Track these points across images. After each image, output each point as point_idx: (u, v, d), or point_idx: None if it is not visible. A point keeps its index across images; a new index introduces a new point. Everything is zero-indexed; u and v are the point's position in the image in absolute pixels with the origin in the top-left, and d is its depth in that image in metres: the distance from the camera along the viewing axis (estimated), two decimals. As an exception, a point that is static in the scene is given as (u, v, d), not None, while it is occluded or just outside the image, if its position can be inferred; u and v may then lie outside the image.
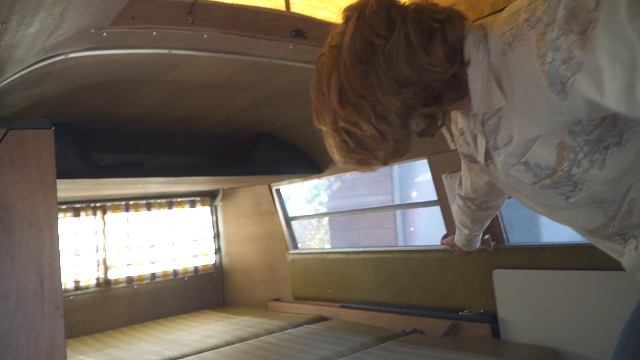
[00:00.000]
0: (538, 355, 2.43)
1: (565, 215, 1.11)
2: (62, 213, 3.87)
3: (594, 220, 1.07)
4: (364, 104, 1.00)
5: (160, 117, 2.99)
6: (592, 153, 0.95)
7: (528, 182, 1.05)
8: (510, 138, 1.01)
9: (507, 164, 1.06)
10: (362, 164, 1.11)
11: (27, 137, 1.75)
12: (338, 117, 1.04)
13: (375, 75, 0.98)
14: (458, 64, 1.00)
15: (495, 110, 1.03)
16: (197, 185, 4.24)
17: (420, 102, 1.01)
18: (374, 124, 1.01)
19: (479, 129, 1.09)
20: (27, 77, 1.77)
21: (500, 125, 1.03)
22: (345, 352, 2.79)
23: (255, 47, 1.96)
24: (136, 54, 1.88)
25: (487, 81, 0.99)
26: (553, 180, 1.01)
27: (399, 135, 1.04)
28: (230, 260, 4.73)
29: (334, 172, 3.73)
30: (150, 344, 3.39)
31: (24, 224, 1.67)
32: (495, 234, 2.74)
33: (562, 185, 1.01)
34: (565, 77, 0.82)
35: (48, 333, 1.68)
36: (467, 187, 1.63)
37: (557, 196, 1.04)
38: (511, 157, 1.04)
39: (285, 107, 3.08)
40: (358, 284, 3.59)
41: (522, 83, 0.92)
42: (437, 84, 1.00)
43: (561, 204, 1.07)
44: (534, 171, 1.02)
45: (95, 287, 4.01)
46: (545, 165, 1.00)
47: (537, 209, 1.16)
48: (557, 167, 0.99)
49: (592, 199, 1.02)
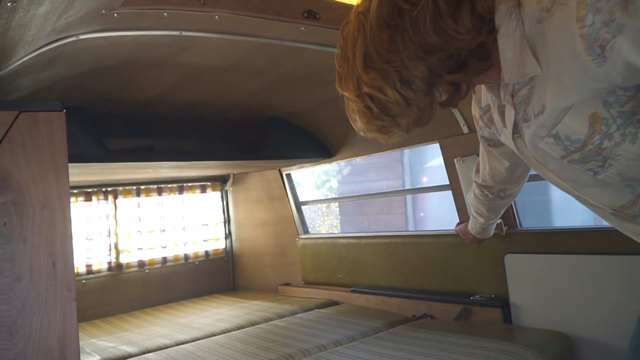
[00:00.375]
0: (550, 340, 2.42)
1: (592, 193, 1.09)
2: (74, 197, 3.89)
3: (620, 197, 1.05)
4: (389, 69, 0.99)
5: (171, 101, 2.98)
6: (625, 126, 0.94)
7: (557, 156, 1.04)
8: (543, 108, 1.00)
9: (537, 137, 1.05)
10: (384, 131, 1.11)
11: (39, 120, 1.74)
12: (362, 83, 1.03)
13: (401, 41, 0.97)
14: (485, 33, 0.99)
15: (527, 80, 1.02)
16: (208, 170, 4.24)
17: (445, 70, 1.00)
18: (399, 89, 1.01)
19: (508, 100, 1.08)
20: (38, 58, 1.76)
21: (532, 95, 1.02)
22: (356, 336, 2.79)
23: (267, 28, 1.94)
24: (147, 35, 1.87)
25: (520, 50, 0.98)
26: (583, 154, 1.00)
27: (423, 102, 1.04)
28: (240, 245, 4.74)
29: (344, 157, 3.71)
30: (162, 327, 3.42)
31: (37, 207, 1.67)
32: (508, 218, 2.72)
33: (592, 160, 1.00)
34: (605, 39, 0.81)
35: (60, 316, 1.68)
36: (485, 174, 1.61)
37: (584, 172, 1.03)
38: (542, 129, 1.03)
39: (297, 92, 3.06)
40: (369, 269, 3.59)
41: (558, 50, 0.91)
42: (463, 52, 0.99)
43: (588, 181, 1.05)
44: (564, 144, 1.01)
45: (107, 271, 4.04)
46: (575, 137, 0.99)
47: (562, 186, 1.15)
48: (587, 140, 0.98)
49: (621, 176, 1.01)
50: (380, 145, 3.42)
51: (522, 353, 2.22)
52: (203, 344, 2.86)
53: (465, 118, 2.75)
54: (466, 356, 2.23)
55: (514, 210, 2.72)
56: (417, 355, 2.32)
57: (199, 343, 2.90)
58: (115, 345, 3.03)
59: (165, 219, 4.40)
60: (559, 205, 5.38)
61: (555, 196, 5.38)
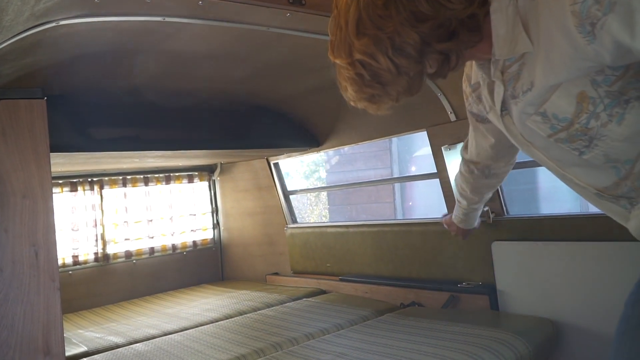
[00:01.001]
0: (536, 327, 2.43)
1: (577, 172, 1.10)
2: (59, 188, 3.85)
3: (605, 178, 1.06)
4: (381, 35, 1.00)
5: (156, 90, 2.95)
6: (612, 106, 0.95)
7: (543, 135, 1.05)
8: (531, 85, 1.00)
9: (525, 114, 1.05)
10: (374, 101, 1.11)
11: (20, 108, 1.72)
12: (354, 49, 1.04)
13: (394, 7, 0.98)
14: (477, 5, 1.00)
15: (518, 57, 1.02)
16: (195, 160, 4.21)
17: (435, 38, 1.01)
18: (391, 56, 1.01)
19: (498, 76, 1.09)
20: (17, 45, 1.72)
21: (522, 72, 1.03)
22: (344, 324, 2.79)
23: (252, 14, 1.91)
24: (130, 21, 1.84)
25: (513, 26, 0.98)
26: (569, 133, 1.01)
27: (413, 71, 1.04)
28: (228, 235, 4.73)
29: (332, 146, 3.70)
30: (150, 318, 3.40)
31: (18, 196, 1.65)
32: (495, 206, 2.72)
33: (578, 139, 1.01)
34: (596, 17, 0.81)
35: (44, 305, 1.67)
36: (472, 150, 1.63)
37: (570, 151, 1.04)
38: (529, 106, 1.03)
39: (283, 79, 3.04)
40: (357, 258, 3.59)
41: (549, 26, 0.91)
42: (453, 22, 1.00)
43: (574, 160, 1.06)
44: (551, 123, 1.02)
45: (94, 262, 4.01)
46: (563, 116, 1.00)
47: (548, 164, 1.15)
48: (574, 119, 0.98)
49: (606, 157, 1.01)
50: (369, 134, 3.43)
51: (509, 339, 2.23)
52: (191, 334, 2.85)
53: (453, 106, 2.74)
54: (454, 343, 2.24)
55: (500, 198, 2.73)
56: (405, 343, 2.32)
57: (187, 333, 2.89)
58: (102, 335, 3.01)
59: (153, 209, 4.38)
60: (545, 193, 5.42)
61: (542, 184, 5.42)
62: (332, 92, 3.22)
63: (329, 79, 1.17)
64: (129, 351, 2.63)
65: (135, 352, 2.60)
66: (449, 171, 2.86)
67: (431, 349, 2.20)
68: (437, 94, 2.74)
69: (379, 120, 3.25)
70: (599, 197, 1.11)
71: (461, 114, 2.74)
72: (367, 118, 3.30)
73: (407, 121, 3.06)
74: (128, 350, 2.66)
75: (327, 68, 1.14)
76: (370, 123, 3.32)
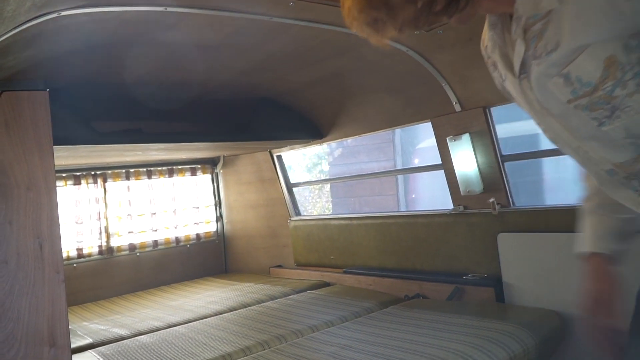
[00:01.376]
0: (542, 319, 2.42)
1: (593, 146, 1.03)
2: (62, 181, 3.85)
3: (623, 153, 0.99)
4: None
5: (159, 81, 2.93)
6: None
7: (563, 100, 0.98)
8: (557, 45, 0.93)
9: (546, 75, 0.98)
10: (376, 27, 1.02)
11: (22, 99, 1.70)
12: None
13: None
14: None
15: (543, 14, 0.94)
16: (198, 153, 4.20)
17: None
18: None
19: (519, 34, 1.01)
20: (19, 36, 1.71)
21: (547, 30, 0.95)
22: (348, 316, 2.79)
23: (254, 3, 1.90)
24: (131, 11, 1.82)
25: None
26: (591, 100, 0.94)
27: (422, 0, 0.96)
28: (232, 228, 4.72)
29: (335, 137, 3.69)
30: (154, 310, 3.41)
31: (21, 188, 1.64)
32: (501, 197, 2.71)
33: (599, 107, 0.94)
34: None
35: (49, 298, 1.66)
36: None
37: (589, 121, 0.97)
38: (552, 67, 0.96)
39: (286, 71, 3.02)
40: (361, 250, 3.58)
41: None
42: None
43: (591, 132, 0.99)
44: (573, 86, 0.95)
45: (98, 254, 4.02)
46: (587, 80, 0.93)
47: (562, 137, 1.07)
48: (599, 85, 0.91)
49: (627, 131, 0.95)
50: (372, 125, 3.41)
51: (515, 332, 2.22)
52: (195, 326, 2.85)
53: (458, 96, 2.72)
54: (459, 335, 2.23)
55: (507, 189, 2.71)
56: (409, 335, 2.31)
57: (191, 325, 2.89)
58: (107, 328, 3.01)
59: (156, 202, 4.37)
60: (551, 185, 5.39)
61: (548, 176, 5.39)
62: (335, 84, 3.23)
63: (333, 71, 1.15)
64: (134, 343, 2.64)
65: (140, 344, 2.60)
66: (454, 162, 2.84)
67: (436, 340, 2.19)
68: (442, 84, 2.72)
69: (382, 111, 3.23)
70: (611, 175, 1.05)
71: (466, 104, 2.72)
72: (371, 109, 3.28)
73: (411, 112, 3.04)
74: (133, 342, 2.66)
75: (331, 59, 1.10)
76: (374, 114, 3.29)
